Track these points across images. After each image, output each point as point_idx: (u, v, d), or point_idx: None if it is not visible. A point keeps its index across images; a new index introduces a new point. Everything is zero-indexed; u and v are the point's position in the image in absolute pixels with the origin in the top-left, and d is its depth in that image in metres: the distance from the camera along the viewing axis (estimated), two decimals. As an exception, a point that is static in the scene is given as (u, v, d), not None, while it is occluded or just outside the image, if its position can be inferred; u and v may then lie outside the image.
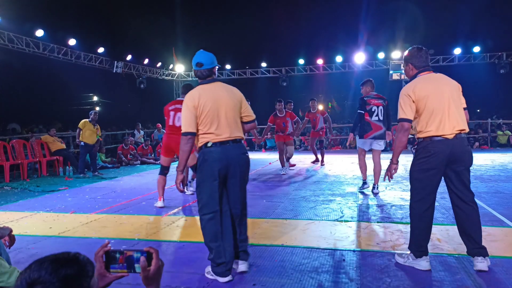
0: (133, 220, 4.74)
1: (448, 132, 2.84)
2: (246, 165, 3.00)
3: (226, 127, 2.92)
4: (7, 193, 6.96)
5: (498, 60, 15.68)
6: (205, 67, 3.04)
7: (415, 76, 3.04)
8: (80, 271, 0.99)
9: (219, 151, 2.88)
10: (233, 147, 2.93)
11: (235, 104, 3.01)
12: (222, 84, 3.10)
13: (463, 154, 2.88)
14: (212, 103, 2.91)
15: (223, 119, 2.92)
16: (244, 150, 3.03)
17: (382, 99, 5.85)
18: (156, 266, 1.21)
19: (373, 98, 5.82)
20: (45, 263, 0.97)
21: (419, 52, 3.04)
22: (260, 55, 19.40)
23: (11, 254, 2.81)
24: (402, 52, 16.64)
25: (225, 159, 2.88)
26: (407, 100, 2.93)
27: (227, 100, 2.97)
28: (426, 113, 2.89)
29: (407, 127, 2.94)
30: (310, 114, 9.51)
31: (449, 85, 2.96)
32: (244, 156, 2.98)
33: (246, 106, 3.11)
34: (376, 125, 5.75)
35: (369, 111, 5.76)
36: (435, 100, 2.86)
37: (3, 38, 11.78)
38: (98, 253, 1.23)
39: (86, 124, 9.04)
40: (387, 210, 4.91)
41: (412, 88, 2.93)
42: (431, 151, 2.86)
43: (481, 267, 2.84)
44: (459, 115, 2.91)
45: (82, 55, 14.69)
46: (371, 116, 5.75)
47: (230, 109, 2.96)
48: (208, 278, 2.93)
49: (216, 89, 2.99)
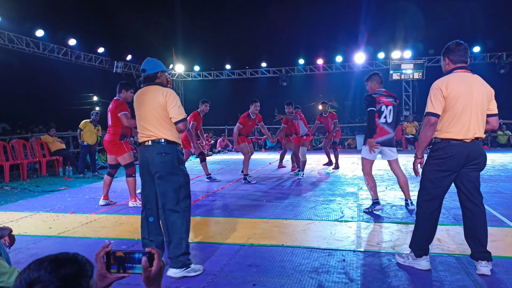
0: (133, 220, 4.73)
1: (467, 137, 2.80)
2: (160, 165, 3.07)
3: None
4: (7, 193, 6.96)
5: (498, 60, 15.69)
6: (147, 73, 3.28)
7: (451, 71, 2.93)
8: (79, 271, 0.99)
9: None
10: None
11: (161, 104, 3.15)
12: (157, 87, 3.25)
13: (479, 156, 2.85)
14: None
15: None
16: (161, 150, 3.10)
17: (393, 97, 4.84)
18: (157, 267, 1.21)
19: (383, 95, 4.76)
20: (44, 262, 0.97)
21: (458, 46, 2.92)
22: (260, 55, 19.43)
23: (11, 254, 2.81)
24: (402, 52, 16.65)
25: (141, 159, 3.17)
26: (438, 94, 2.82)
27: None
28: (450, 113, 2.81)
29: (434, 122, 2.83)
30: (322, 117, 9.19)
31: (481, 89, 2.86)
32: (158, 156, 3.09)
33: (171, 107, 3.16)
34: (383, 129, 4.75)
35: (378, 111, 4.71)
36: (464, 103, 2.78)
37: (3, 38, 11.78)
38: (99, 254, 1.22)
39: (86, 124, 9.06)
40: (387, 210, 4.90)
41: (445, 84, 2.81)
42: (449, 153, 2.81)
43: (484, 271, 2.82)
44: (481, 122, 2.85)
45: (82, 55, 14.70)
46: (378, 118, 4.72)
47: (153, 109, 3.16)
48: (192, 275, 2.94)
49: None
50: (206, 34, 22.13)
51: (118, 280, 1.26)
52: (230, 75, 19.33)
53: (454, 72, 2.91)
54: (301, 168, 7.87)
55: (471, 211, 2.89)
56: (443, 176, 2.86)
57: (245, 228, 4.24)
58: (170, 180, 3.05)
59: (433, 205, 2.92)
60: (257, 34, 22.86)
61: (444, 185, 2.90)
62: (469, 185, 2.88)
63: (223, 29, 22.51)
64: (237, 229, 4.21)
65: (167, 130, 3.12)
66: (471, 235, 2.90)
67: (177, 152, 3.13)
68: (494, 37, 17.58)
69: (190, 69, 19.90)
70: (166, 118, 3.13)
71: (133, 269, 1.22)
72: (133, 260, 1.21)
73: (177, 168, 3.10)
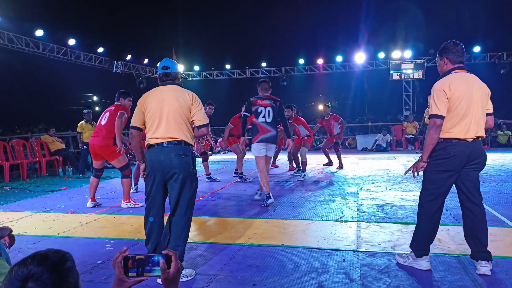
0: (132, 220, 4.73)
1: (470, 136, 2.80)
2: (177, 167, 2.95)
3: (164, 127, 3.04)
4: (6, 193, 6.96)
5: (498, 60, 15.69)
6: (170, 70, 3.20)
7: (449, 72, 2.91)
8: (63, 259, 1.04)
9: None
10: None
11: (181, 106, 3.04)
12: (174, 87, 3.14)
13: (480, 156, 2.84)
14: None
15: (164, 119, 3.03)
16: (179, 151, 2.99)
17: (273, 100, 5.37)
18: (175, 268, 1.25)
19: (261, 98, 5.39)
20: (28, 260, 1.00)
21: (456, 47, 2.91)
22: (260, 55, 19.43)
23: (11, 254, 2.80)
24: (402, 52, 16.66)
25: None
26: (442, 95, 2.78)
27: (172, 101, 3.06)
28: (453, 114, 2.80)
29: (440, 124, 2.78)
30: (324, 121, 9.11)
31: (480, 89, 2.86)
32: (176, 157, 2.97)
33: (197, 110, 3.08)
34: (263, 128, 5.25)
35: (255, 111, 5.30)
36: (466, 103, 2.78)
37: (2, 38, 11.77)
38: (116, 259, 1.24)
39: (83, 125, 9.11)
40: (387, 210, 4.90)
41: (448, 85, 2.79)
42: (451, 153, 2.80)
43: (484, 271, 2.81)
44: (482, 121, 2.85)
45: (82, 55, 14.69)
46: (257, 118, 5.28)
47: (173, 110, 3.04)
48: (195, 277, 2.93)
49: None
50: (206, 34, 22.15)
51: (136, 284, 1.27)
52: (230, 75, 19.33)
53: (453, 72, 2.90)
54: (302, 169, 7.82)
55: (472, 211, 2.89)
56: (446, 176, 2.85)
57: (245, 228, 4.24)
58: (186, 185, 2.97)
59: (435, 206, 2.91)
60: (257, 34, 22.87)
61: (447, 185, 2.88)
62: (470, 185, 2.87)
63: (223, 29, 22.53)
64: (237, 229, 4.21)
65: (186, 131, 3.03)
66: (471, 235, 2.90)
67: (193, 155, 3.06)
68: (494, 37, 17.59)
69: (190, 69, 19.90)
70: (188, 120, 3.04)
71: (152, 272, 1.24)
72: (151, 263, 1.24)
73: (193, 172, 3.02)
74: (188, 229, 3.04)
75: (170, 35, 20.63)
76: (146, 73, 17.53)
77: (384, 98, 21.98)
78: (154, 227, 3.04)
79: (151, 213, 3.04)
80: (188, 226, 3.04)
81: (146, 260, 1.24)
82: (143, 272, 1.24)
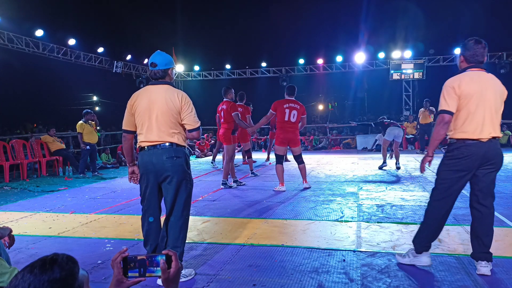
0: (132, 220, 4.73)
1: (484, 137, 2.77)
2: (170, 169, 2.91)
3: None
4: (6, 193, 6.96)
5: (498, 60, 15.67)
6: (158, 68, 3.04)
7: (465, 70, 2.86)
8: (67, 272, 1.02)
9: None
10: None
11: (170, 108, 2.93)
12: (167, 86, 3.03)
13: (495, 156, 2.81)
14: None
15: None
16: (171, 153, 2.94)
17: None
18: (176, 268, 1.25)
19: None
20: (28, 269, 1.00)
21: (475, 45, 2.84)
22: (260, 55, 19.45)
23: (11, 254, 2.81)
24: (402, 52, 16.65)
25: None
26: (451, 92, 2.76)
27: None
28: (464, 112, 2.77)
29: (448, 120, 2.77)
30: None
31: (495, 88, 2.82)
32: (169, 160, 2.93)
33: (187, 113, 2.98)
34: None
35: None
36: (477, 102, 2.75)
37: (2, 38, 11.77)
38: (116, 259, 1.24)
39: (82, 125, 9.06)
40: (387, 210, 4.90)
41: (458, 82, 2.76)
42: (465, 153, 2.77)
43: (484, 271, 2.81)
44: (496, 121, 2.81)
45: (82, 55, 14.68)
46: None
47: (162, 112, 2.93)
48: (194, 278, 2.93)
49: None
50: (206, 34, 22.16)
51: (134, 285, 1.27)
52: (230, 75, 19.32)
53: (468, 70, 2.86)
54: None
55: (480, 212, 2.87)
56: (458, 176, 2.82)
57: (245, 228, 4.24)
58: (180, 186, 2.95)
59: (444, 206, 2.89)
60: (257, 34, 22.90)
61: (458, 185, 2.85)
62: (483, 186, 2.84)
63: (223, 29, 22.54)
64: (237, 229, 4.21)
65: (178, 133, 2.97)
66: (475, 235, 2.89)
67: (186, 155, 3.01)
68: (494, 37, 17.58)
69: (190, 69, 19.89)
70: (178, 122, 2.97)
71: (152, 272, 1.25)
72: (151, 263, 1.24)
73: (187, 173, 3.00)
74: (186, 229, 3.03)
75: (170, 35, 20.67)
76: (146, 73, 17.51)
77: (384, 98, 22.01)
78: (152, 228, 3.03)
79: (149, 214, 3.03)
80: (186, 227, 3.03)
81: (148, 261, 1.24)
82: (145, 273, 1.24)
